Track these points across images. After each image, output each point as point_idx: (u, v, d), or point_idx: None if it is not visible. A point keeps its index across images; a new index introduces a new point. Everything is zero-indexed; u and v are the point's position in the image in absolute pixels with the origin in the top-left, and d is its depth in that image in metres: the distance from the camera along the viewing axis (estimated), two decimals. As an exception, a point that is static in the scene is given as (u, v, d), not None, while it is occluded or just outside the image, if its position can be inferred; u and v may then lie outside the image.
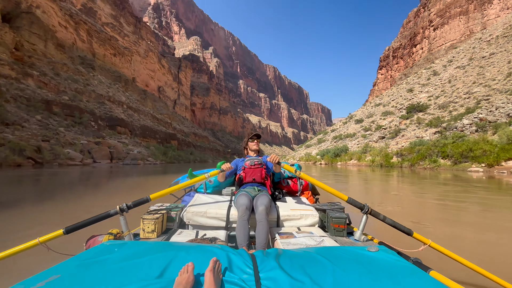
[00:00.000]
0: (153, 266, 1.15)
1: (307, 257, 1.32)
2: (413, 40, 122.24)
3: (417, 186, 10.99)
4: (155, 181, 13.70)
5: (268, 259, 1.26)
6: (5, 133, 24.06)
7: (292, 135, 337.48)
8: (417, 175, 16.58)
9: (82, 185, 10.43)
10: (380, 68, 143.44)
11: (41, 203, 6.06)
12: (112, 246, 1.38)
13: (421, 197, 8.01)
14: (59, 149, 25.63)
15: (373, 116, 67.39)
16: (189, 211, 2.31)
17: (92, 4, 78.45)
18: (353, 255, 1.38)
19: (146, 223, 2.03)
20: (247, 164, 2.70)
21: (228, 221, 2.29)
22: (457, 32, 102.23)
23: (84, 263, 1.19)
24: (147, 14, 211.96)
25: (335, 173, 20.29)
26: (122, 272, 1.10)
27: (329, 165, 39.70)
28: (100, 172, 19.15)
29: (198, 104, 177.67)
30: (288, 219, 2.35)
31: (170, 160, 49.25)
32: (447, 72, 70.65)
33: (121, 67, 78.97)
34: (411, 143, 29.86)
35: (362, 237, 2.11)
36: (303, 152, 73.72)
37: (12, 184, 9.92)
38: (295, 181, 3.11)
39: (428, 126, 39.39)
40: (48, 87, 41.52)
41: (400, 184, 12.16)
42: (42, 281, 1.01)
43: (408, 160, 26.11)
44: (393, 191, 9.59)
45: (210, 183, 3.05)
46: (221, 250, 1.31)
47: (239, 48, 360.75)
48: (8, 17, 44.48)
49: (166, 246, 1.37)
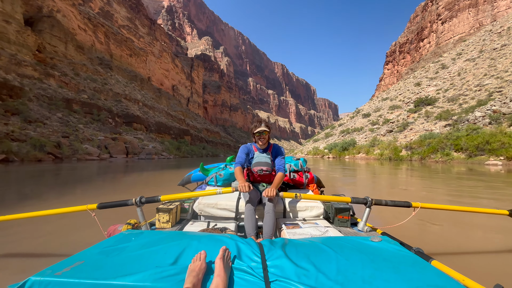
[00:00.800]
0: (168, 253, 1.18)
1: (312, 246, 1.32)
2: (420, 34, 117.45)
3: (428, 180, 9.83)
4: (169, 175, 13.04)
5: (274, 248, 1.27)
6: (27, 130, 24.17)
7: (300, 130, 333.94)
8: (428, 169, 15.32)
9: (100, 179, 10.14)
10: (386, 64, 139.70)
11: (62, 196, 5.89)
12: (130, 235, 1.41)
13: (432, 191, 6.91)
14: (77, 145, 25.61)
15: (380, 110, 65.00)
16: (200, 203, 2.33)
17: (109, 7, 78.64)
18: (356, 244, 1.36)
19: (161, 214, 2.09)
20: (255, 170, 2.50)
21: (237, 212, 2.30)
22: (466, 25, 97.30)
23: (105, 250, 1.23)
24: (161, 16, 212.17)
25: (343, 167, 19.29)
26: (139, 259, 1.14)
27: (337, 159, 38.39)
28: (116, 166, 18.98)
29: (210, 102, 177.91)
30: (294, 210, 2.34)
31: (183, 154, 49.05)
32: (456, 65, 67.00)
33: (137, 67, 79.27)
34: (421, 136, 28.14)
35: (365, 227, 2.10)
36: (311, 146, 72.27)
37: (34, 178, 9.80)
38: (301, 174, 3.11)
39: (437, 119, 37.27)
40: (68, 86, 41.85)
41: (409, 178, 11.04)
42: (68, 266, 1.06)
43: (418, 153, 24.59)
44: (402, 185, 8.51)
45: (220, 177, 3.04)
46: (230, 240, 1.34)
47: (248, 47, 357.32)
48: (30, 21, 44.92)
49: (179, 236, 1.40)
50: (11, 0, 35.70)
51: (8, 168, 14.47)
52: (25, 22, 42.83)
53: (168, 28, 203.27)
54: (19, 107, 27.08)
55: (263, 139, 2.48)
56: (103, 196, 5.78)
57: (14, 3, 36.17)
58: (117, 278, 0.99)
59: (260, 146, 2.54)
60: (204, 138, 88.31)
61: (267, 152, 2.53)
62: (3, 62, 32.03)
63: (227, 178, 3.04)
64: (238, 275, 1.09)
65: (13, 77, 31.94)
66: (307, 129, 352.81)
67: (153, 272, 1.03)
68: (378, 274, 1.07)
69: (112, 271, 1.04)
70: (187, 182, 3.48)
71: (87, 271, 1.04)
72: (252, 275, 1.09)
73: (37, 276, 1.00)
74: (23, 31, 36.89)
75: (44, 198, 5.45)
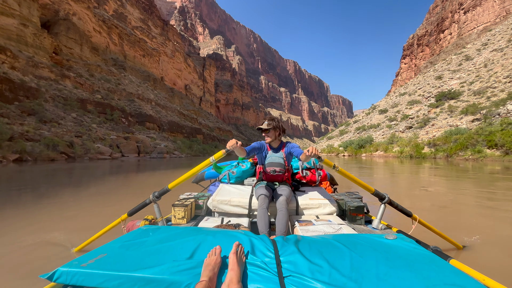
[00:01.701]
0: (184, 248, 1.23)
1: (325, 243, 1.33)
2: (440, 25, 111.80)
3: (455, 181, 8.63)
4: (179, 174, 12.42)
5: (288, 244, 1.28)
6: (42, 130, 24.47)
7: (313, 128, 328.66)
8: (456, 167, 13.79)
9: (113, 178, 10.12)
10: (403, 58, 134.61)
11: (76, 195, 5.94)
12: (148, 230, 1.46)
13: (459, 194, 5.73)
14: (89, 144, 25.69)
15: (398, 105, 61.98)
16: (214, 199, 2.34)
17: (122, 9, 79.97)
18: (370, 242, 1.35)
19: (177, 210, 2.11)
20: (268, 171, 2.44)
21: (250, 209, 2.31)
22: (491, 13, 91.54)
23: (125, 244, 1.29)
24: (174, 17, 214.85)
25: (360, 165, 18.08)
26: (157, 253, 1.19)
27: (353, 157, 36.67)
28: (128, 165, 18.87)
29: (222, 100, 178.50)
30: (307, 207, 2.32)
31: (195, 153, 48.86)
32: (482, 56, 62.58)
33: (150, 67, 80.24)
34: (446, 132, 26.04)
35: (380, 225, 2.04)
36: (324, 144, 70.24)
37: (47, 177, 9.88)
38: (314, 172, 3.05)
39: (463, 114, 34.64)
40: (83, 87, 42.61)
41: (432, 177, 9.80)
42: (93, 258, 1.13)
43: (444, 151, 22.67)
44: (422, 185, 7.43)
45: (233, 174, 3.06)
46: (244, 235, 1.36)
47: (259, 45, 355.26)
48: (47, 24, 46.14)
49: (195, 231, 1.43)
50: (28, 4, 36.61)
51: (22, 167, 14.49)
52: (42, 26, 43.99)
53: (181, 28, 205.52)
54: (35, 108, 27.58)
55: (267, 137, 2.42)
56: (119, 197, 5.78)
57: (31, 6, 37.08)
58: (137, 271, 1.04)
59: (274, 144, 2.48)
60: (217, 137, 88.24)
61: (280, 151, 2.46)
62: (20, 64, 32.85)
63: (240, 175, 3.07)
64: (252, 269, 1.11)
65: (30, 78, 32.70)
66: (320, 126, 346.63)
67: (171, 265, 1.07)
68: (393, 271, 1.05)
69: (132, 264, 1.09)
70: (200, 179, 3.48)
71: (110, 263, 1.10)
72: (266, 270, 1.10)
73: (64, 267, 1.07)
74: (39, 33, 37.77)
75: (60, 196, 5.62)
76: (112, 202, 5.20)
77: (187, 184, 3.10)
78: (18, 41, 34.99)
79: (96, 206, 4.75)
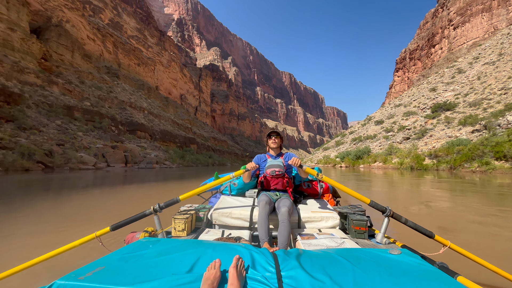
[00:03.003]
0: (184, 261, 1.20)
1: (327, 257, 1.29)
2: (431, 40, 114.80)
3: (460, 195, 7.87)
4: (166, 187, 10.85)
5: (289, 259, 1.25)
6: (19, 137, 22.65)
7: (308, 139, 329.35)
8: (462, 180, 12.65)
9: (87, 191, 8.77)
10: (396, 71, 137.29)
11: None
12: (148, 242, 1.44)
13: (463, 210, 5.00)
14: (71, 153, 23.88)
15: (394, 117, 61.72)
16: (215, 212, 2.31)
17: (118, 18, 79.73)
18: (374, 257, 1.31)
19: (177, 222, 2.07)
20: (268, 172, 2.53)
21: (251, 222, 2.26)
22: (480, 29, 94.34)
23: (124, 257, 1.26)
24: (171, 28, 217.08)
25: (358, 177, 17.00)
26: (156, 266, 1.17)
27: (350, 168, 35.41)
28: (112, 176, 17.28)
29: (218, 110, 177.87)
30: (309, 220, 2.27)
31: (188, 163, 46.98)
32: (474, 69, 63.39)
33: (144, 76, 79.24)
34: (448, 143, 25.05)
35: (384, 239, 1.95)
36: (321, 155, 69.12)
37: (10, 189, 8.88)
38: (316, 184, 3.02)
39: (461, 125, 34.00)
40: (72, 94, 41.02)
41: (435, 191, 8.90)
42: (90, 271, 1.11)
43: (447, 162, 21.55)
44: (423, 200, 6.72)
45: (234, 186, 3.02)
46: (244, 249, 1.33)
47: (256, 57, 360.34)
48: (38, 30, 44.97)
49: (195, 244, 1.41)
50: (17, 9, 35.48)
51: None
52: (33, 31, 42.79)
53: (178, 39, 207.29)
54: (15, 114, 25.83)
55: (274, 142, 2.55)
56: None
57: (20, 11, 35.95)
58: (135, 284, 1.02)
59: (273, 152, 2.61)
60: (211, 147, 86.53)
61: (279, 158, 2.58)
62: (4, 69, 31.28)
63: (241, 187, 3.01)
64: (252, 284, 1.08)
65: (14, 84, 31.06)
66: (316, 137, 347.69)
67: (170, 279, 1.05)
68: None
69: (131, 277, 1.07)
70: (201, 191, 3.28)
71: (108, 276, 1.08)
72: (266, 285, 1.07)
73: (62, 280, 1.04)
74: (28, 38, 36.46)
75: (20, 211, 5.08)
76: (82, 221, 4.49)
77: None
78: (4, 45, 33.56)
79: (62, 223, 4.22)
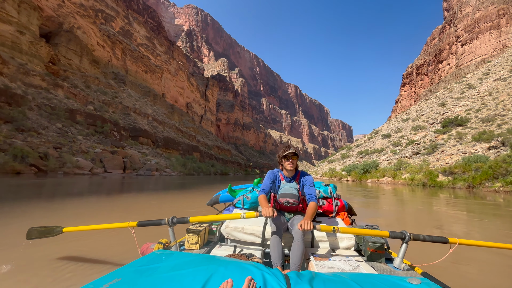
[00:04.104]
0: (196, 278, 1.19)
1: (341, 282, 1.23)
2: (438, 56, 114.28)
3: (479, 218, 6.81)
4: (167, 198, 9.60)
5: (301, 282, 1.21)
6: (14, 139, 21.86)
7: (313, 151, 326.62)
8: (482, 201, 11.25)
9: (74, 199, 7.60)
10: (403, 85, 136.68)
11: None
12: (162, 255, 1.46)
13: (490, 238, 4.30)
14: (67, 157, 22.95)
15: (401, 131, 60.11)
16: (228, 226, 2.28)
17: (129, 27, 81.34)
18: (391, 286, 1.23)
19: (191, 236, 2.09)
20: (281, 201, 2.40)
21: (263, 238, 2.22)
22: (488, 46, 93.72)
23: (139, 269, 1.28)
24: (181, 39, 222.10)
25: (366, 193, 15.65)
26: (170, 281, 1.17)
27: (357, 182, 33.74)
28: (108, 183, 16.24)
29: (223, 120, 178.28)
30: (323, 240, 2.19)
31: (189, 171, 45.80)
32: (485, 85, 61.98)
33: (151, 83, 79.73)
34: (464, 159, 23.44)
35: (402, 265, 1.83)
36: (326, 167, 67.30)
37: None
38: (330, 201, 2.93)
39: (475, 141, 32.35)
40: (77, 98, 40.81)
41: (450, 212, 7.80)
42: (107, 283, 1.12)
43: (464, 180, 19.91)
44: (436, 223, 5.74)
45: (247, 199, 2.95)
46: (256, 269, 1.30)
47: (262, 69, 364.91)
48: (49, 35, 45.54)
49: (207, 260, 1.41)
50: (28, 12, 35.91)
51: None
52: (44, 36, 43.26)
53: (187, 50, 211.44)
54: (14, 115, 25.25)
55: (291, 163, 2.40)
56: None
57: (30, 15, 36.36)
58: None
59: (288, 174, 2.46)
60: (214, 155, 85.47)
61: (294, 181, 2.44)
62: (10, 71, 31.16)
63: (254, 201, 2.94)
64: None
65: (18, 85, 30.82)
66: (320, 150, 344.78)
67: None
68: None
69: None
70: (215, 202, 3.39)
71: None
72: None
73: None
74: (36, 42, 36.68)
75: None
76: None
77: (201, 206, 2.81)
78: (12, 47, 33.69)
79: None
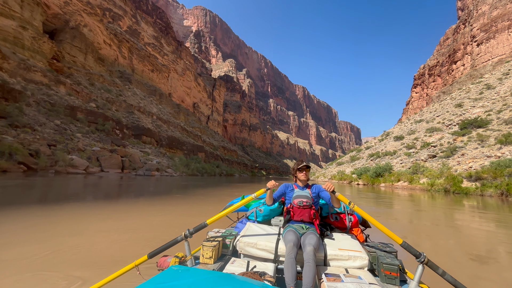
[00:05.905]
0: None
1: None
2: (452, 56, 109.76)
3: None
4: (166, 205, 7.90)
5: None
6: (5, 135, 20.66)
7: (320, 153, 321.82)
8: None
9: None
10: (414, 87, 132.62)
11: None
12: (178, 271, 1.50)
13: None
14: (60, 155, 21.63)
15: (415, 132, 57.03)
16: (241, 241, 2.32)
17: (137, 26, 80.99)
18: None
19: (206, 250, 2.12)
20: (295, 202, 2.54)
21: (276, 254, 2.24)
22: (506, 46, 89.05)
23: (158, 287, 1.29)
24: (189, 40, 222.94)
25: (379, 199, 14.01)
26: None
27: (369, 186, 31.36)
28: (103, 184, 15.04)
29: (230, 120, 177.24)
30: (336, 259, 2.15)
31: (192, 172, 44.21)
32: (505, 85, 58.23)
33: (158, 82, 79.03)
34: (492, 163, 20.91)
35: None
36: (334, 170, 64.72)
37: None
38: (344, 216, 2.86)
39: (500, 143, 29.51)
40: (79, 95, 39.92)
41: (479, 225, 6.52)
42: None
43: (496, 186, 17.46)
44: (462, 243, 4.59)
45: (260, 212, 2.99)
46: None
47: (270, 70, 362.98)
48: (54, 31, 44.99)
49: (221, 279, 1.43)
50: (31, 8, 35.23)
51: None
52: (49, 33, 42.66)
53: (195, 50, 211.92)
54: (10, 111, 24.21)
55: (304, 174, 2.59)
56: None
57: (34, 10, 35.68)
58: None
59: (301, 184, 2.63)
60: (220, 156, 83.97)
61: (306, 188, 2.61)
62: (10, 66, 30.36)
63: (267, 214, 2.97)
64: None
65: (17, 81, 29.95)
66: (328, 152, 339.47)
67: None
68: None
69: None
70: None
71: None
72: None
73: None
74: (39, 38, 35.95)
75: None
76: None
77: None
78: (14, 43, 32.98)
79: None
